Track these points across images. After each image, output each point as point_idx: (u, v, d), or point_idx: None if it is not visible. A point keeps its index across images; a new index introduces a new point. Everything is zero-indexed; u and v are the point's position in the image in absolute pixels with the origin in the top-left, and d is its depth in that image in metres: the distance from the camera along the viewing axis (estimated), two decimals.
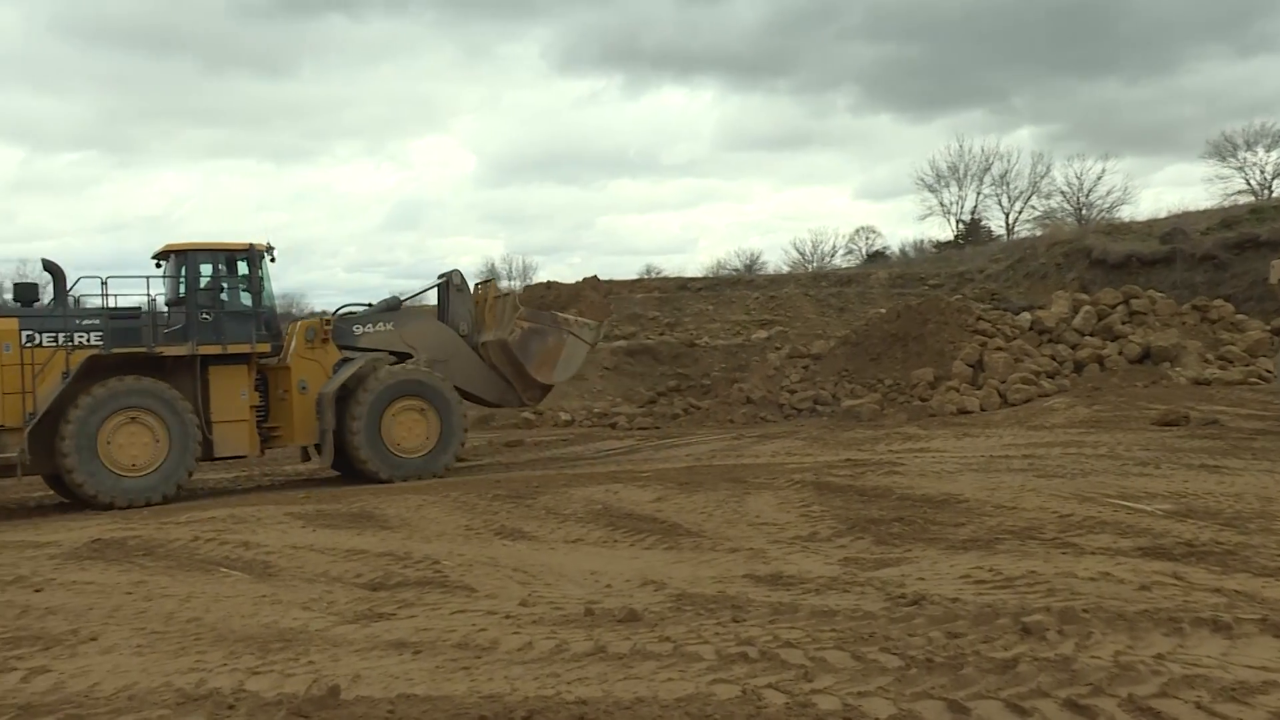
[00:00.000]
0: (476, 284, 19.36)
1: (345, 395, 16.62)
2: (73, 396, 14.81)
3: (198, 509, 13.21)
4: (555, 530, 10.67)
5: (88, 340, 15.20)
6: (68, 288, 15.80)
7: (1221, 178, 56.36)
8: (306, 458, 17.37)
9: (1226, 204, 46.75)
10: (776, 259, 72.69)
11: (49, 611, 7.71)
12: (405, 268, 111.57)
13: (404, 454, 16.69)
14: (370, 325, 17.77)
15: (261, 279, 16.57)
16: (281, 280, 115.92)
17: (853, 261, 64.18)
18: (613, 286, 44.83)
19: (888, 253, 64.93)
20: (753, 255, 68.77)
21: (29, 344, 14.89)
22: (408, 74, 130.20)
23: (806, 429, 21.85)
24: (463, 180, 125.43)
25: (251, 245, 16.46)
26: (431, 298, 19.97)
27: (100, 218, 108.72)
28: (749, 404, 25.38)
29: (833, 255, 67.82)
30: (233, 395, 16.15)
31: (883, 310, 30.51)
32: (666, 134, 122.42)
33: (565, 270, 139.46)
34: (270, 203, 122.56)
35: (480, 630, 6.54)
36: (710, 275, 52.06)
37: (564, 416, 26.83)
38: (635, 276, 51.45)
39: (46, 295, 16.31)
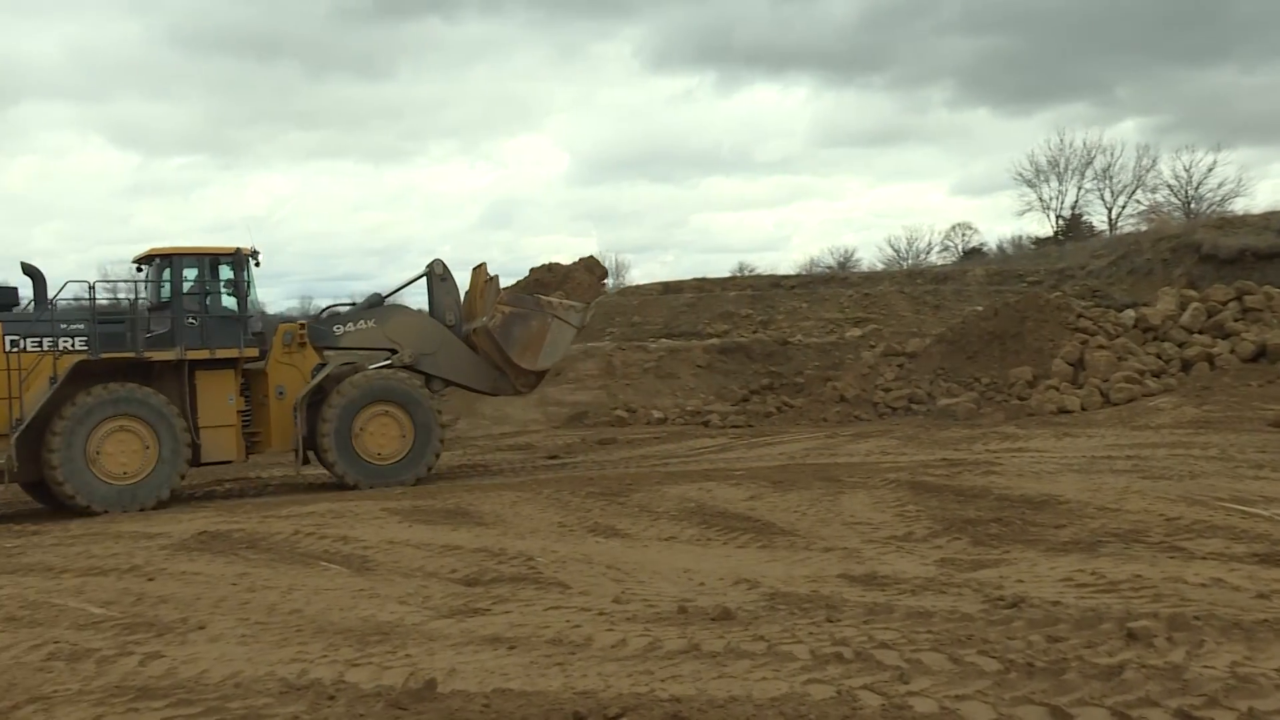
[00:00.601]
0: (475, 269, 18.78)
1: (320, 400, 16.40)
2: (60, 402, 14.60)
3: (297, 504, 13.54)
4: (649, 528, 10.68)
5: (73, 345, 14.99)
6: (48, 292, 15.51)
7: None
8: (306, 461, 16.86)
9: None
10: (870, 256, 71.65)
11: (161, 600, 8.00)
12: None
13: (376, 460, 16.38)
14: (351, 324, 17.36)
15: (247, 283, 16.37)
16: (379, 279, 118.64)
17: (948, 258, 63.05)
18: (705, 284, 44.88)
19: (984, 249, 63.62)
20: (846, 252, 68.02)
21: (13, 349, 14.68)
22: (502, 74, 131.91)
23: (901, 428, 21.53)
24: (556, 179, 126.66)
25: (237, 249, 16.24)
26: (413, 293, 19.44)
27: (206, 219, 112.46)
28: (842, 402, 25.11)
29: (928, 252, 66.69)
30: (220, 400, 15.94)
31: (980, 308, 29.90)
32: (760, 131, 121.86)
33: (658, 269, 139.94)
34: (368, 203, 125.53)
35: (574, 627, 6.58)
36: (803, 273, 51.61)
37: (657, 415, 26.86)
38: (728, 274, 51.30)
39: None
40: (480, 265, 18.43)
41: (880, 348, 28.62)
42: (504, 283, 18.45)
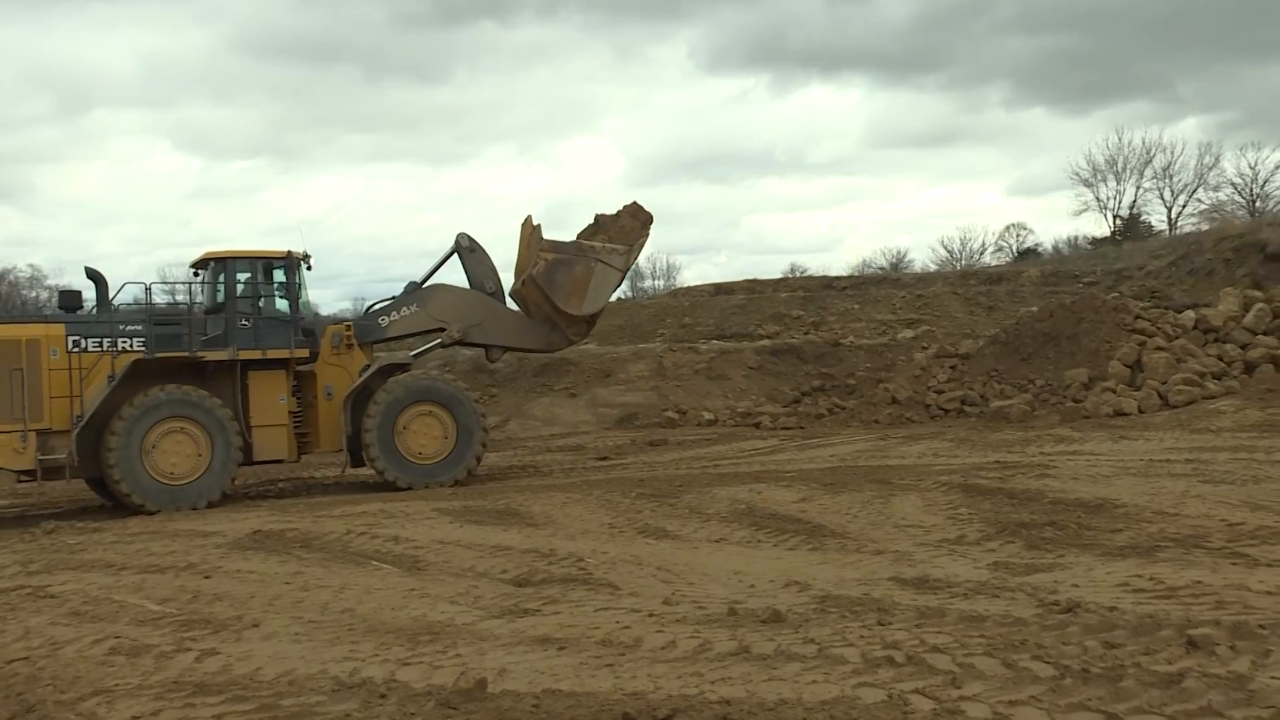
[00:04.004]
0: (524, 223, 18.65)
1: (365, 400, 16.51)
2: (118, 401, 14.98)
3: (350, 503, 13.69)
4: (698, 529, 10.66)
5: (131, 345, 15.42)
6: (110, 294, 15.97)
7: None
8: (357, 463, 17.03)
9: None
10: (923, 257, 71.25)
11: (216, 598, 8.13)
12: None
13: (419, 460, 16.45)
14: (395, 313, 17.48)
15: (298, 286, 16.69)
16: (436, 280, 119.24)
17: (1002, 259, 62.33)
18: (756, 285, 44.73)
19: (1039, 250, 62.80)
20: (899, 253, 67.58)
21: (75, 349, 15.13)
22: (558, 77, 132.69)
23: (954, 430, 21.29)
24: (612, 180, 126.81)
25: (289, 253, 16.55)
26: (449, 274, 19.41)
27: (265, 222, 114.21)
28: (894, 404, 24.88)
29: (982, 253, 66.06)
30: (271, 400, 16.22)
31: (1034, 308, 29.45)
32: (814, 132, 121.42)
33: (710, 270, 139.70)
34: (424, 205, 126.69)
35: (624, 628, 6.58)
36: (855, 274, 51.26)
37: (707, 416, 26.79)
38: (779, 275, 51.08)
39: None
40: (527, 217, 18.45)
41: (933, 349, 28.30)
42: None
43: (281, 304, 16.73)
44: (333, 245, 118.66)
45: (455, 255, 18.23)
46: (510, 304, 18.51)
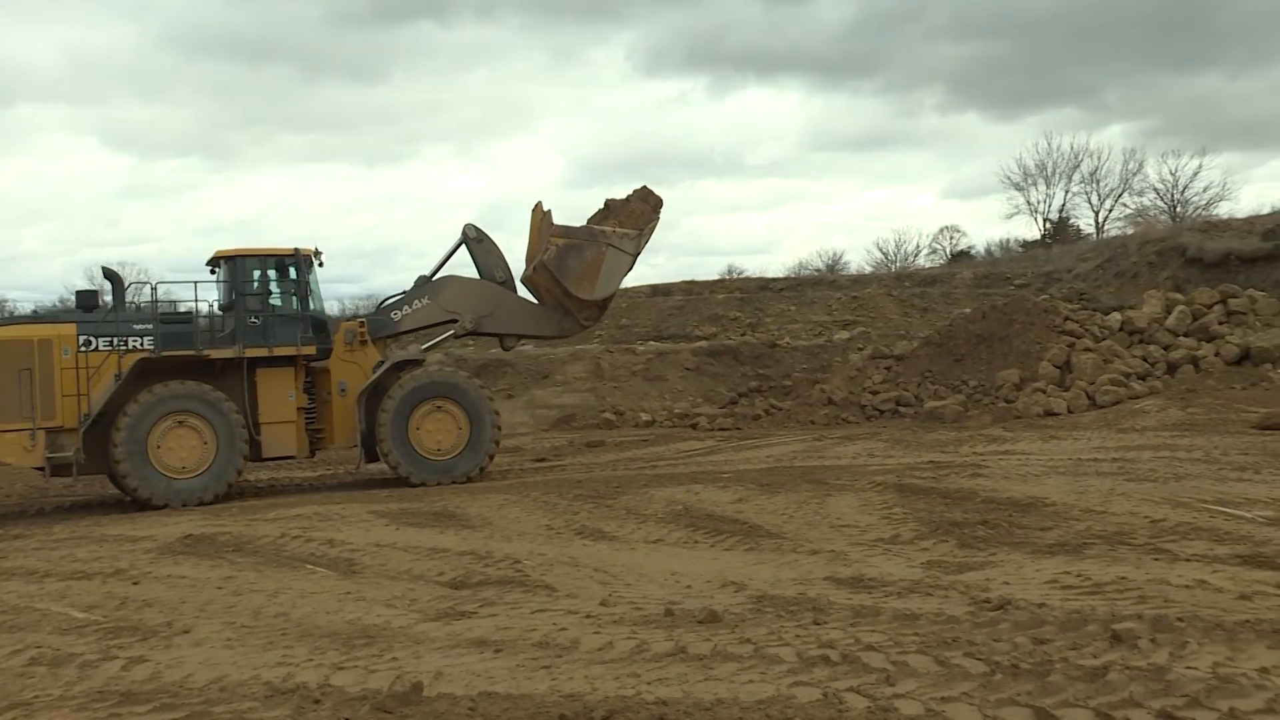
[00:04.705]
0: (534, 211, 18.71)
1: (378, 396, 16.67)
2: (125, 399, 15.17)
3: (284, 507, 13.50)
4: (636, 531, 10.68)
5: (140, 344, 15.63)
6: (126, 295, 16.32)
7: None
8: (372, 459, 17.22)
9: None
10: (859, 259, 71.99)
11: (145, 604, 7.97)
12: None
13: (434, 456, 16.58)
14: (407, 307, 17.68)
15: (309, 283, 16.83)
16: (369, 281, 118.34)
17: (936, 261, 63.19)
18: (693, 286, 44.89)
19: (972, 252, 63.79)
20: (835, 255, 68.13)
21: (85, 348, 15.39)
22: (496, 78, 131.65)
23: (889, 430, 21.58)
24: (550, 182, 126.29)
25: (297, 250, 16.68)
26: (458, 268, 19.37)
27: (197, 222, 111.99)
28: (830, 405, 25.13)
29: (916, 255, 66.86)
30: (280, 397, 16.37)
31: (967, 310, 29.96)
32: (751, 135, 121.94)
33: (648, 271, 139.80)
34: (360, 206, 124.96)
35: (561, 630, 6.57)
36: (792, 275, 51.68)
37: (645, 417, 26.85)
38: (717, 277, 51.31)
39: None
40: (537, 204, 18.50)
41: (868, 350, 28.65)
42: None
43: (289, 301, 16.83)
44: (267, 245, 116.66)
45: (463, 247, 18.32)
46: (522, 292, 18.60)
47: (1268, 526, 8.94)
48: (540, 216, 18.22)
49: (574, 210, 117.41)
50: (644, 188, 19.02)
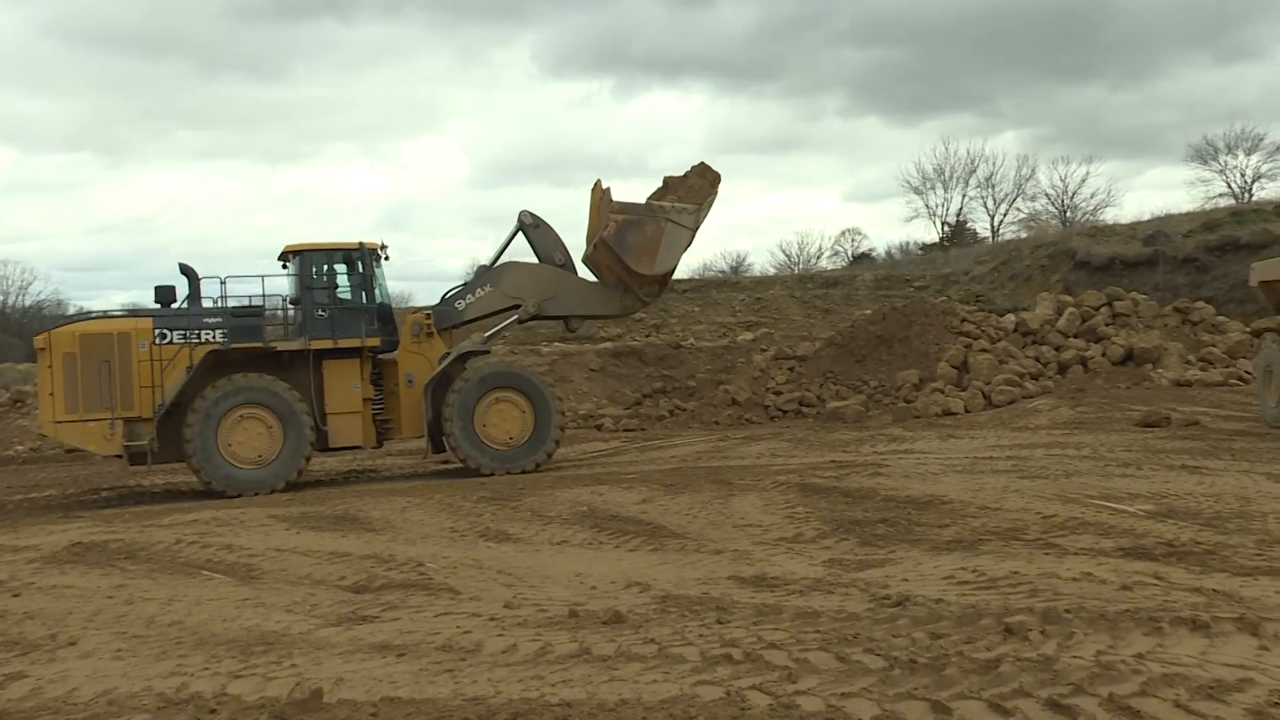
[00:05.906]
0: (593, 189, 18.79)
1: (444, 387, 16.87)
2: (196, 390, 15.78)
3: (180, 512, 13.14)
4: (540, 532, 10.65)
5: (213, 337, 16.20)
6: (200, 289, 16.82)
7: (1203, 181, 56.93)
8: (439, 449, 17.38)
9: (1208, 207, 47.11)
10: (763, 261, 72.78)
11: (27, 616, 7.63)
12: (395, 269, 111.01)
13: (501, 446, 16.75)
14: (471, 295, 17.89)
15: (374, 277, 17.22)
16: (271, 282, 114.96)
17: (838, 263, 64.29)
18: None
19: (873, 255, 65.07)
20: (739, 257, 68.76)
21: (160, 341, 16.04)
22: (401, 77, 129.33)
23: (792, 431, 21.87)
24: (455, 182, 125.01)
25: (362, 244, 17.08)
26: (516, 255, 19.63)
27: (89, 220, 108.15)
28: (734, 406, 25.37)
29: (818, 257, 67.91)
30: (345, 388, 16.75)
31: (868, 312, 30.55)
32: (657, 137, 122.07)
33: None
34: (261, 204, 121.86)
35: (464, 633, 6.52)
36: (696, 277, 52.03)
37: None
38: None
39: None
40: (596, 182, 18.48)
41: (771, 351, 28.99)
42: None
43: (356, 294, 17.11)
44: (161, 245, 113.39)
45: (520, 234, 18.33)
46: (582, 272, 18.64)
47: (1147, 520, 9.31)
48: (599, 195, 18.29)
49: (479, 210, 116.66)
50: (702, 163, 19.07)
